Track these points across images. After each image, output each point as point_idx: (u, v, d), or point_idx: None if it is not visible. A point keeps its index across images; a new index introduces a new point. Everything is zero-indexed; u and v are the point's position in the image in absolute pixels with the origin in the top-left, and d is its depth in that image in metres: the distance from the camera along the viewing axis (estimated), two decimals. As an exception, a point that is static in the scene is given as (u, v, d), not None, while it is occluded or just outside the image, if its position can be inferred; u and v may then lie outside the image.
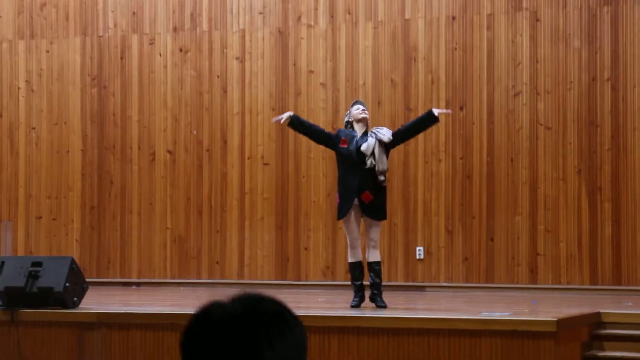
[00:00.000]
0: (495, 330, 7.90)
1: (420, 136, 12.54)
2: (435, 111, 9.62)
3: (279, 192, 12.96)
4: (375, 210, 9.46)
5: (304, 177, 12.89)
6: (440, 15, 12.57)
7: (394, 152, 12.57)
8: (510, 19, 12.36)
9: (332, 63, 12.90)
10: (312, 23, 12.97)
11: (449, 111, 9.57)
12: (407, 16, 12.68)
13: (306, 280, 12.78)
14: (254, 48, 13.15)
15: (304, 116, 12.86)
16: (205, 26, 13.30)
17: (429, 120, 9.65)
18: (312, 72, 12.96)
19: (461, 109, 12.48)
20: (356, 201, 9.40)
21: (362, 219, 9.54)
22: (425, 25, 12.62)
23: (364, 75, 12.81)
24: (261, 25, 13.13)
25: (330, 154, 12.75)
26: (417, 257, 12.51)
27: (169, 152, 13.33)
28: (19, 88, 13.78)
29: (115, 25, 13.54)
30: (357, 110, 9.65)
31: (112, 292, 11.92)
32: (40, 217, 13.59)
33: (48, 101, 13.69)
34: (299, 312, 8.45)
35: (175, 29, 13.38)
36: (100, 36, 13.59)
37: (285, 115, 9.73)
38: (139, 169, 13.39)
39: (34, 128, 13.70)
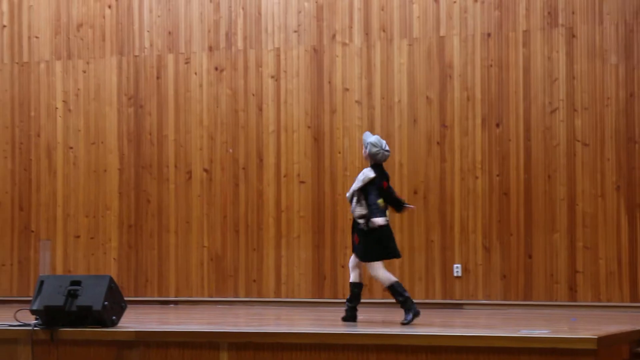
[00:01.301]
0: (534, 348, 7.83)
1: (457, 153, 12.53)
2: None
3: (315, 210, 12.96)
4: (358, 251, 9.82)
5: (339, 194, 12.88)
6: (475, 32, 12.55)
7: (429, 167, 12.58)
8: (546, 36, 12.32)
9: (367, 80, 12.91)
10: (347, 41, 12.99)
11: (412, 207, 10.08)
12: (442, 33, 12.67)
13: (343, 298, 12.67)
14: (289, 66, 13.18)
15: (339, 134, 12.90)
16: (240, 45, 13.35)
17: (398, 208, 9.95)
18: (347, 89, 12.97)
19: (497, 125, 12.44)
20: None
21: None
22: (460, 42, 12.60)
23: (399, 93, 12.81)
24: (296, 44, 13.17)
25: (367, 171, 12.76)
26: (455, 274, 12.46)
27: (205, 170, 13.38)
28: (56, 108, 13.88)
29: (151, 45, 13.62)
30: None
31: (150, 310, 11.95)
32: (79, 236, 13.66)
33: (85, 121, 13.78)
34: (336, 331, 8.42)
35: (210, 48, 13.45)
36: (136, 56, 13.67)
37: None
38: (175, 188, 13.44)
39: (71, 147, 13.80)
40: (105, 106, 13.74)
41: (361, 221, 9.62)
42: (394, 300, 12.55)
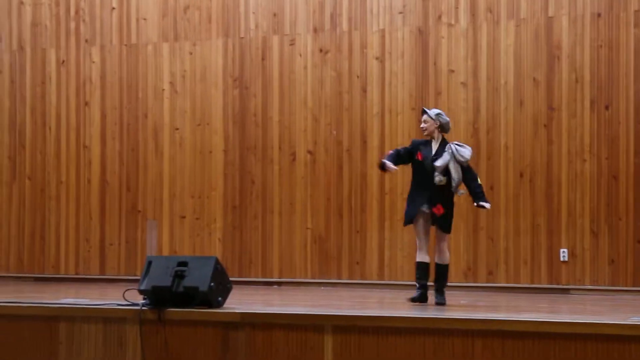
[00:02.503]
0: (645, 336, 7.67)
1: (564, 136, 12.32)
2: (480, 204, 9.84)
3: (420, 192, 12.86)
4: (444, 223, 9.87)
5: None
6: (585, 12, 12.30)
7: (536, 150, 12.40)
8: (659, 15, 12.03)
9: (473, 62, 12.76)
10: (453, 22, 12.85)
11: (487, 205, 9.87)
12: (550, 14, 12.45)
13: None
14: (393, 48, 13.10)
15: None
16: (345, 26, 13.31)
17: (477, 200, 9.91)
18: (452, 71, 12.84)
19: (607, 108, 12.19)
20: (427, 209, 9.80)
21: (432, 227, 9.94)
22: (569, 22, 12.36)
23: (505, 74, 12.63)
24: (401, 25, 13.08)
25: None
26: (561, 259, 12.27)
27: (309, 152, 13.39)
28: (163, 90, 14.04)
29: (256, 27, 13.67)
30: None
31: (254, 291, 12.03)
32: (184, 217, 13.82)
33: (191, 102, 13.91)
34: (442, 315, 8.31)
35: (315, 30, 13.44)
36: (241, 38, 13.74)
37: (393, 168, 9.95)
38: (279, 169, 13.50)
39: (177, 129, 13.95)
40: (211, 88, 13.85)
41: (462, 191, 9.81)
42: (496, 284, 12.46)
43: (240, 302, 9.41)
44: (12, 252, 14.47)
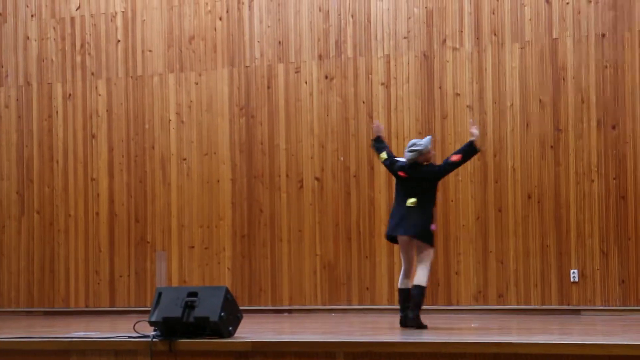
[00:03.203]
0: (658, 357, 7.62)
1: (571, 157, 12.31)
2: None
3: (428, 216, 12.84)
4: None
5: (452, 200, 12.78)
6: (589, 33, 12.33)
7: (543, 172, 12.39)
8: (663, 34, 12.04)
9: (479, 85, 12.78)
10: (458, 46, 12.88)
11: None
12: (554, 35, 12.48)
13: (457, 305, 12.64)
14: (399, 73, 13.13)
15: (450, 139, 12.78)
16: (350, 53, 13.35)
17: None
18: (458, 94, 12.86)
19: (614, 128, 12.19)
20: None
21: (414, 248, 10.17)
22: (574, 43, 12.39)
23: (511, 97, 12.65)
24: (406, 50, 13.11)
25: (479, 177, 12.65)
26: (572, 279, 12.24)
27: (317, 179, 13.40)
28: (169, 120, 14.08)
29: (261, 55, 13.72)
30: None
31: (265, 319, 12.01)
32: (193, 247, 13.82)
33: (198, 132, 13.94)
34: (451, 338, 8.27)
35: (320, 57, 13.48)
36: (247, 66, 13.78)
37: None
38: (287, 197, 13.50)
39: (184, 159, 13.97)
40: (217, 117, 13.88)
41: None
42: (507, 307, 12.43)
43: (251, 331, 9.40)
44: (22, 287, 14.48)
